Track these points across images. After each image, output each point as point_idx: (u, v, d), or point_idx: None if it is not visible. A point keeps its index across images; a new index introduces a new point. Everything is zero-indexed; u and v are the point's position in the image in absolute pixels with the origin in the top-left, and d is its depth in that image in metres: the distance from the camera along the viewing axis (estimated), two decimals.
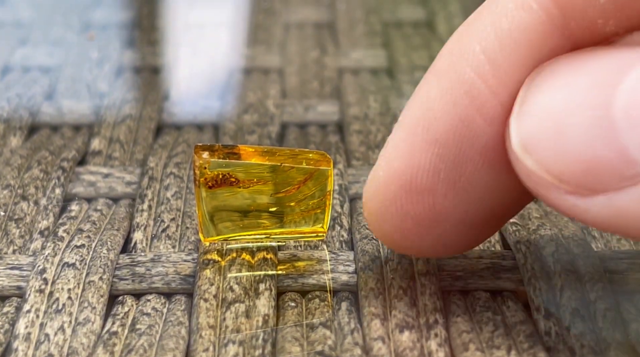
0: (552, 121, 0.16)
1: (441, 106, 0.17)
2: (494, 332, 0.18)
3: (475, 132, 0.17)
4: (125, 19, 0.35)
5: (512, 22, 0.16)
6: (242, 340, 0.18)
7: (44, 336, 0.18)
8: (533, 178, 0.16)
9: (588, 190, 0.15)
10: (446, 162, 0.17)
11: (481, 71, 0.16)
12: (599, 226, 0.16)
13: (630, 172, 0.15)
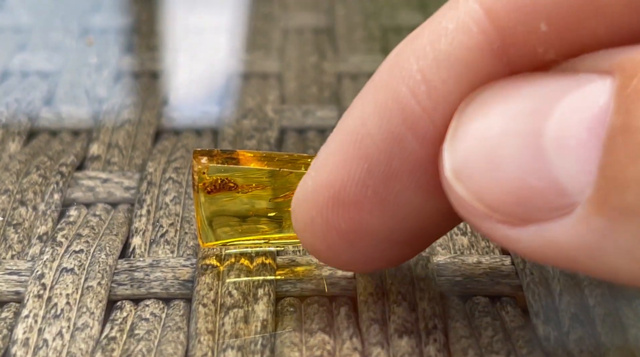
0: (483, 149, 0.15)
1: (374, 122, 0.17)
2: (493, 337, 0.18)
3: (406, 151, 0.17)
4: (124, 24, 0.35)
5: (450, 43, 0.16)
6: (240, 345, 0.18)
7: (43, 342, 0.18)
8: (465, 206, 0.16)
9: (520, 220, 0.15)
10: (375, 179, 0.17)
11: (416, 91, 0.16)
12: (530, 257, 0.16)
13: (560, 202, 0.15)
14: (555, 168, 0.15)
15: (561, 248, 0.15)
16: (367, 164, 0.17)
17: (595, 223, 0.14)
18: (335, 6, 0.36)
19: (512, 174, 0.15)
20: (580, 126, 0.14)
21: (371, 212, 0.17)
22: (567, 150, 0.14)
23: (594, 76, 0.15)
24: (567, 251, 0.15)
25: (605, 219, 0.14)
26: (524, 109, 0.15)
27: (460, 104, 0.16)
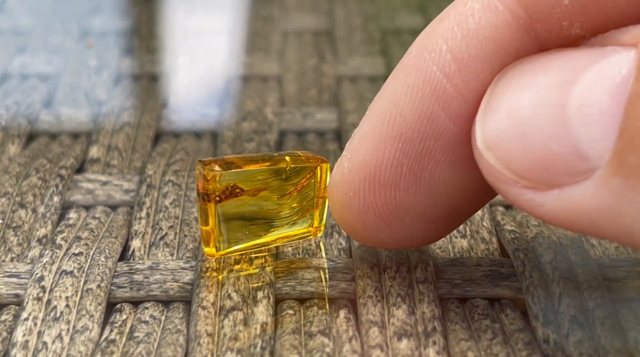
0: (513, 120, 0.16)
1: (407, 103, 0.17)
2: (493, 340, 0.18)
3: (439, 129, 0.17)
4: (124, 27, 0.35)
5: (478, 22, 0.17)
6: (240, 348, 0.18)
7: (42, 344, 0.18)
8: (494, 173, 0.16)
9: (544, 185, 0.16)
10: (409, 157, 0.18)
11: (447, 70, 0.17)
12: (552, 220, 0.16)
13: (582, 167, 0.15)
14: (578, 135, 0.15)
15: (581, 210, 0.15)
16: (401, 144, 0.17)
17: (613, 184, 0.15)
18: (334, 8, 0.36)
19: (538, 143, 0.16)
20: (603, 95, 0.15)
21: (407, 190, 0.18)
22: (589, 118, 0.15)
23: (619, 48, 0.15)
24: (587, 213, 0.15)
25: (622, 179, 0.15)
26: (551, 81, 0.16)
27: (494, 79, 0.17)
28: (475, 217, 0.22)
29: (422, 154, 0.18)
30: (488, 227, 0.22)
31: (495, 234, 0.22)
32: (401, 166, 0.18)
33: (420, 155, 0.18)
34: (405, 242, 0.19)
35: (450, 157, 0.18)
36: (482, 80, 0.17)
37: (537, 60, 0.16)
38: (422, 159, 0.18)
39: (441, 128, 0.17)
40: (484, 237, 0.22)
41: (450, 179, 0.18)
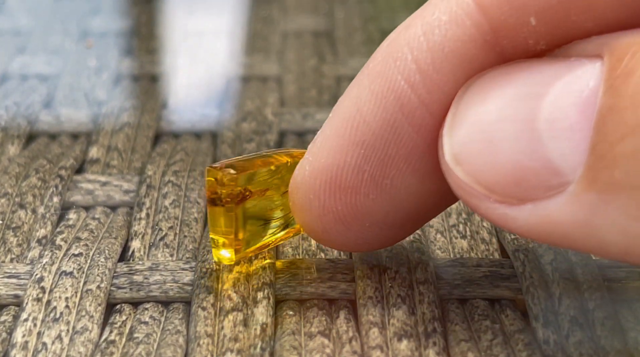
0: (481, 133, 0.16)
1: (370, 110, 0.17)
2: (493, 340, 0.18)
3: (402, 138, 0.17)
4: (124, 27, 0.35)
5: (444, 35, 0.17)
6: (240, 349, 0.18)
7: (42, 345, 0.18)
8: (464, 188, 0.16)
9: (516, 199, 0.16)
10: (371, 164, 0.18)
11: (412, 81, 0.17)
12: (526, 234, 0.16)
13: (555, 181, 0.15)
14: (549, 149, 0.15)
15: (555, 225, 0.15)
16: (363, 150, 0.18)
17: (587, 199, 0.15)
18: (334, 9, 0.36)
19: (509, 157, 0.16)
20: (572, 109, 0.15)
21: (367, 196, 0.18)
22: (560, 132, 0.15)
23: (585, 60, 0.15)
24: (561, 227, 0.15)
25: (596, 194, 0.15)
26: (518, 94, 0.16)
27: (459, 92, 0.17)
28: (476, 217, 0.22)
29: (384, 161, 0.18)
30: (488, 227, 0.22)
31: (495, 234, 0.22)
32: (362, 172, 0.18)
33: (382, 163, 0.18)
34: (364, 246, 0.20)
35: (412, 165, 0.18)
36: (446, 92, 0.17)
37: (501, 72, 0.16)
38: (384, 166, 0.18)
39: (404, 137, 0.17)
40: (484, 238, 0.22)
41: (412, 186, 0.18)
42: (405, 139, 0.17)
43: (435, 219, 0.22)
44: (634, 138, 0.14)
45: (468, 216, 0.22)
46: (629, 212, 0.14)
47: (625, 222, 0.15)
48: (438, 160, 0.17)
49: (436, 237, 0.22)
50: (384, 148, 0.17)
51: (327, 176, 0.18)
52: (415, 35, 0.17)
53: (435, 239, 0.22)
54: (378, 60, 0.17)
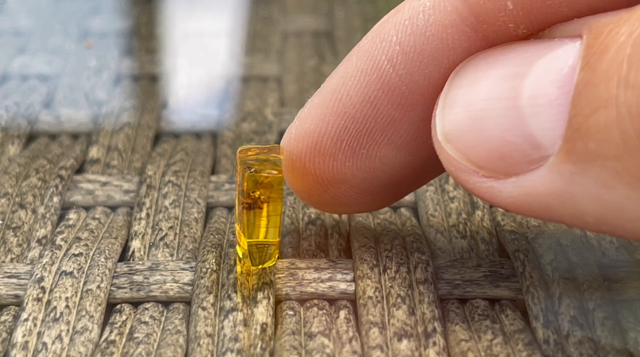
0: (470, 113, 0.17)
1: (354, 84, 0.19)
2: (493, 340, 0.18)
3: (381, 113, 0.18)
4: (124, 27, 0.35)
5: (427, 20, 0.18)
6: (240, 349, 0.18)
7: (42, 345, 0.18)
8: (454, 164, 0.17)
9: (502, 174, 0.17)
10: (349, 134, 0.19)
11: (395, 61, 0.18)
12: (510, 207, 0.17)
13: (536, 155, 0.16)
14: (531, 125, 0.16)
15: (537, 196, 0.16)
16: (343, 121, 0.19)
17: (564, 170, 0.16)
18: (334, 9, 0.36)
19: (495, 134, 0.17)
20: (552, 85, 0.16)
21: (344, 163, 0.19)
22: (540, 108, 0.16)
23: (566, 40, 0.16)
24: (542, 197, 0.16)
25: (572, 165, 0.15)
26: (504, 74, 0.17)
27: (451, 74, 0.18)
28: (476, 217, 0.22)
29: (362, 132, 0.19)
30: (488, 227, 0.22)
31: (495, 234, 0.22)
32: (341, 141, 0.19)
33: (360, 134, 0.19)
34: (342, 208, 0.21)
35: (388, 139, 0.19)
36: (427, 75, 0.18)
37: (489, 54, 0.17)
38: (362, 137, 0.19)
39: (383, 112, 0.18)
40: (484, 238, 0.22)
41: (387, 158, 0.19)
42: (383, 114, 0.18)
43: (435, 219, 0.22)
44: (606, 111, 0.15)
45: (468, 216, 0.22)
46: (603, 181, 0.15)
47: (599, 191, 0.15)
48: (413, 135, 0.19)
49: (436, 237, 0.22)
50: (363, 121, 0.19)
51: (309, 141, 0.19)
52: (402, 18, 0.18)
53: (436, 239, 0.22)
54: (368, 39, 0.19)
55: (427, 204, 0.23)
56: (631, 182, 0.15)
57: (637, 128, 0.14)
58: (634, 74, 0.14)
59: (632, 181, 0.15)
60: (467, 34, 0.17)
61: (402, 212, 0.23)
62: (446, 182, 0.24)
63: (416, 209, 0.23)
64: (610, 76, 0.15)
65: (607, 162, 0.15)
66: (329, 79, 0.19)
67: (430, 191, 0.23)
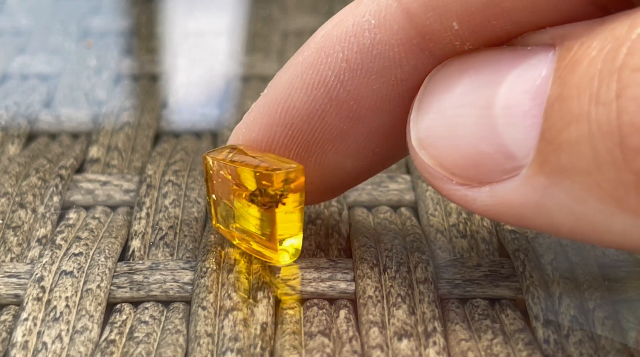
0: (443, 119, 0.17)
1: (301, 98, 0.19)
2: (493, 340, 0.18)
3: (329, 126, 0.19)
4: (124, 27, 0.35)
5: (373, 39, 0.18)
6: (240, 348, 0.18)
7: (42, 344, 0.18)
8: (428, 171, 0.17)
9: (476, 182, 0.17)
10: (297, 144, 0.19)
11: (342, 78, 0.18)
12: (484, 214, 0.17)
13: (509, 165, 0.16)
14: (504, 135, 0.16)
15: (510, 206, 0.16)
16: (291, 132, 0.19)
17: (537, 182, 0.16)
18: (334, 9, 0.36)
19: (468, 142, 0.17)
20: (525, 96, 0.16)
21: None
22: (513, 119, 0.16)
23: (539, 49, 0.16)
24: (515, 208, 0.16)
25: (545, 178, 0.16)
26: (477, 82, 0.17)
27: (425, 79, 0.18)
28: (476, 217, 0.22)
29: (310, 143, 0.19)
30: (488, 227, 0.22)
31: (495, 234, 0.22)
32: (289, 150, 0.19)
33: (309, 144, 0.19)
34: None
35: (336, 149, 0.19)
36: (375, 90, 0.18)
37: (463, 61, 0.17)
38: (310, 146, 0.19)
39: (331, 125, 0.19)
40: (484, 238, 0.22)
41: (335, 165, 0.20)
42: (331, 126, 0.19)
43: (435, 218, 0.22)
44: (577, 126, 0.15)
45: (468, 215, 0.22)
46: (574, 194, 0.15)
47: (571, 204, 0.15)
48: (361, 146, 0.19)
49: (436, 237, 0.22)
50: (310, 132, 0.19)
51: (258, 149, 0.20)
52: (347, 34, 0.18)
53: (436, 239, 0.22)
54: (312, 51, 0.19)
55: (427, 204, 0.23)
56: (602, 197, 0.15)
57: (607, 145, 0.14)
58: (605, 90, 0.14)
59: (603, 196, 0.15)
60: (414, 52, 0.18)
61: (402, 212, 0.23)
62: None
63: (416, 209, 0.23)
64: (582, 91, 0.15)
65: (578, 177, 0.15)
66: (273, 86, 0.19)
67: (430, 191, 0.23)
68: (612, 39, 0.15)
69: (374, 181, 0.24)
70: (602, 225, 0.15)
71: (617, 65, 0.14)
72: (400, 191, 0.24)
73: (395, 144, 0.19)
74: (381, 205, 0.23)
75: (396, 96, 0.18)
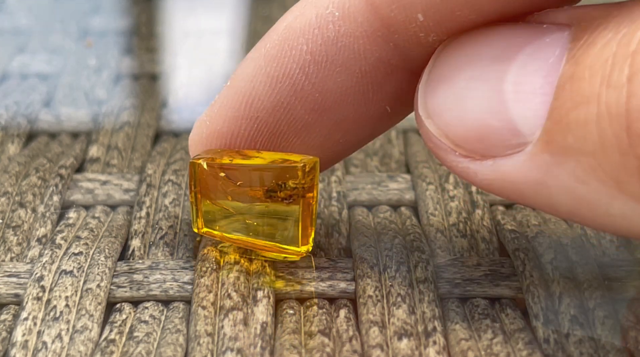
0: (452, 91, 0.17)
1: (265, 91, 0.19)
2: (493, 339, 0.18)
3: (294, 118, 0.19)
4: (124, 27, 0.35)
5: (337, 31, 0.18)
6: (240, 348, 0.18)
7: (42, 344, 0.18)
8: (433, 141, 0.17)
9: (479, 155, 0.17)
10: (263, 136, 0.19)
11: (307, 70, 0.18)
12: (485, 188, 0.17)
13: (514, 141, 0.16)
14: (513, 111, 0.16)
15: (512, 181, 0.16)
16: (256, 124, 0.19)
17: (541, 160, 0.16)
18: None
19: (475, 114, 0.17)
20: (537, 74, 0.16)
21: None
22: (523, 95, 0.16)
23: (554, 28, 0.16)
24: (517, 184, 0.16)
25: (550, 156, 0.16)
26: (490, 56, 0.17)
27: (437, 50, 0.18)
28: (476, 216, 0.22)
29: (275, 135, 0.19)
30: (488, 226, 0.22)
31: (495, 233, 0.22)
32: (254, 142, 0.19)
33: (274, 136, 0.19)
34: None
35: (302, 140, 0.19)
36: (340, 82, 0.18)
37: (478, 35, 0.17)
38: (275, 139, 0.19)
39: (296, 117, 0.19)
40: (484, 237, 0.22)
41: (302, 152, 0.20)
42: (296, 119, 0.19)
43: (435, 218, 0.22)
44: (587, 107, 0.15)
45: (468, 214, 0.22)
46: (577, 175, 0.15)
47: (572, 185, 0.15)
48: (326, 137, 0.19)
49: (436, 236, 0.22)
50: (276, 124, 0.19)
51: (222, 142, 0.20)
52: (311, 26, 0.18)
53: (436, 238, 0.22)
54: (275, 43, 0.19)
55: (427, 203, 0.23)
56: (604, 180, 0.15)
57: (614, 128, 0.14)
58: (617, 73, 0.14)
59: (605, 179, 0.15)
60: (378, 44, 0.18)
61: (402, 211, 0.23)
62: (446, 181, 0.24)
63: (416, 208, 0.23)
64: (594, 73, 0.15)
65: (583, 158, 0.15)
66: (236, 78, 0.19)
67: (430, 190, 0.23)
68: (629, 23, 0.15)
69: (374, 180, 0.24)
70: (601, 208, 0.15)
71: (631, 50, 0.14)
72: (400, 191, 0.24)
73: (360, 134, 0.20)
74: (381, 204, 0.23)
75: (361, 88, 0.18)
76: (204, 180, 0.20)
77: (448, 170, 0.24)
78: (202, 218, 0.20)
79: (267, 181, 0.19)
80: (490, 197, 0.23)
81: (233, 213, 0.20)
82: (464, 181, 0.22)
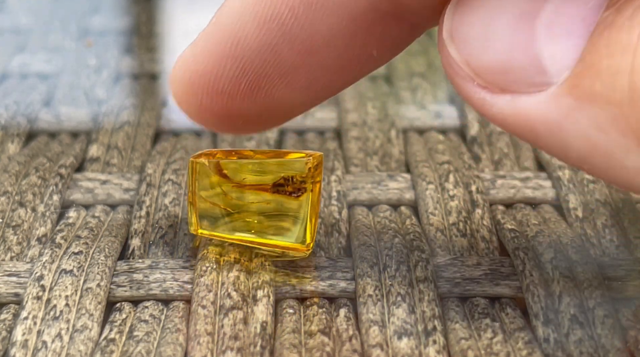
0: (482, 19, 0.17)
1: (252, 31, 0.18)
2: (493, 339, 0.18)
3: (281, 59, 0.19)
4: (124, 26, 0.35)
5: None
6: (240, 347, 0.18)
7: (42, 343, 0.18)
8: (453, 67, 0.17)
9: (498, 88, 0.17)
10: (248, 77, 0.19)
11: (296, 11, 0.18)
12: (498, 122, 0.17)
13: (538, 79, 0.16)
14: (543, 49, 0.16)
15: (527, 119, 0.16)
16: (242, 65, 0.19)
17: (563, 103, 0.16)
18: None
19: (502, 46, 0.16)
20: (576, 15, 0.16)
21: (242, 102, 0.19)
22: (557, 35, 0.16)
23: None
24: (532, 123, 0.16)
25: (573, 100, 0.15)
26: None
27: None
28: (476, 215, 0.22)
29: (261, 76, 0.19)
30: (488, 226, 0.22)
31: (495, 233, 0.22)
32: (239, 83, 0.19)
33: (259, 78, 0.19)
34: (234, 131, 0.22)
35: (287, 82, 0.19)
36: (329, 24, 0.18)
37: None
38: (260, 80, 0.19)
39: (283, 59, 0.19)
40: (484, 236, 0.22)
41: (285, 98, 0.19)
42: (283, 60, 0.19)
43: (435, 217, 0.22)
44: (622, 57, 0.15)
45: (468, 214, 0.22)
46: (598, 122, 0.15)
47: (591, 132, 0.15)
48: (312, 80, 0.19)
49: (436, 236, 0.22)
50: (262, 66, 0.19)
51: (206, 81, 0.19)
52: None
53: (435, 237, 0.22)
54: None
55: (427, 203, 0.23)
56: (626, 132, 0.15)
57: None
58: None
59: (627, 131, 0.15)
60: None
61: (402, 211, 0.23)
62: (446, 180, 0.24)
63: (416, 208, 0.23)
64: (635, 24, 0.15)
65: (608, 106, 0.15)
66: (222, 15, 0.19)
67: (430, 190, 0.23)
68: None
69: (374, 179, 0.24)
70: (617, 159, 0.15)
71: None
72: (400, 190, 0.24)
73: (344, 77, 0.19)
74: (381, 204, 0.23)
75: (349, 31, 0.18)
76: (204, 179, 0.20)
77: (448, 170, 0.24)
78: (200, 219, 0.20)
79: (275, 175, 0.19)
80: (490, 196, 0.23)
81: (232, 212, 0.20)
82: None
